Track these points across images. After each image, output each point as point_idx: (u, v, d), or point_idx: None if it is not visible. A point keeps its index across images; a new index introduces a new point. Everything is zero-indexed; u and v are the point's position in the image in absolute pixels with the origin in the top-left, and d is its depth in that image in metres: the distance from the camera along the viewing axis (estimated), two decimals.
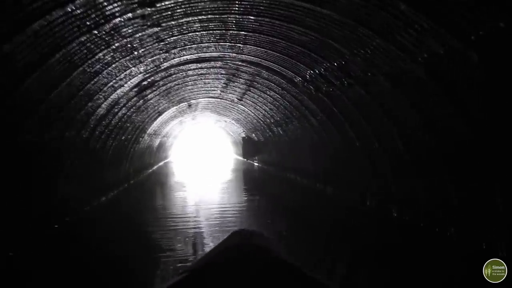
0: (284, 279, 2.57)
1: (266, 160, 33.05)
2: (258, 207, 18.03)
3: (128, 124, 20.04)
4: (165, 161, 44.19)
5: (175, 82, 19.39)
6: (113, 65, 11.70)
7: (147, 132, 26.41)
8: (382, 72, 10.42)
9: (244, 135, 37.28)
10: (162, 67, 15.26)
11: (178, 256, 9.86)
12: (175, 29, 11.41)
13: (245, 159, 39.65)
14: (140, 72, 14.32)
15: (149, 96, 18.93)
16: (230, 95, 24.73)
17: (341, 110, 14.68)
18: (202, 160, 49.48)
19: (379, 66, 10.31)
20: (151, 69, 14.77)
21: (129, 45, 10.93)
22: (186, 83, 20.61)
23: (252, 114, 27.77)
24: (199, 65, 17.11)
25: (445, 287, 8.11)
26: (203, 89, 23.28)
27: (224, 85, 21.93)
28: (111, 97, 14.33)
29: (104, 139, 16.73)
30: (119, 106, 16.26)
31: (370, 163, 14.27)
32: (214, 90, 23.91)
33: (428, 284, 8.10)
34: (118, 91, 14.49)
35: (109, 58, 11.05)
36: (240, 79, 19.72)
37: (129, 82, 14.51)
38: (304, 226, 13.52)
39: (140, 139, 25.14)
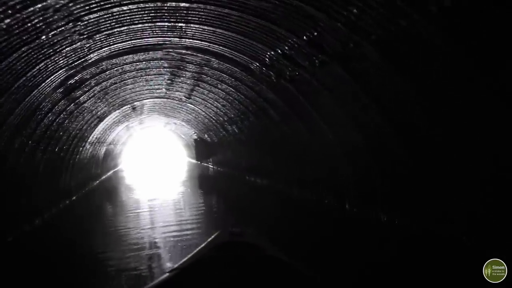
0: (274, 274, 2.61)
1: (222, 162, 30.18)
2: (216, 219, 15.13)
3: (61, 133, 16.88)
4: (115, 169, 40.65)
5: (111, 81, 16.37)
6: (14, 55, 8.60)
7: (88, 140, 23.18)
8: (371, 39, 7.75)
9: (196, 137, 34.29)
10: (90, 60, 12.23)
11: None
12: (93, 2, 8.43)
13: (199, 162, 36.58)
14: (60, 67, 11.22)
15: (81, 99, 15.82)
16: (177, 93, 21.78)
17: (309, 99, 12.02)
18: (154, 166, 46.02)
19: (368, 31, 7.62)
20: (75, 63, 11.70)
21: (29, 24, 7.85)
22: (125, 81, 17.58)
23: (203, 113, 24.87)
24: (136, 57, 14.17)
25: None
26: (146, 88, 20.28)
27: (169, 81, 18.97)
28: (27, 100, 11.23)
29: (28, 152, 13.59)
30: (42, 112, 13.15)
31: (349, 161, 11.68)
32: (159, 89, 20.92)
33: None
34: (35, 93, 11.39)
35: (4, 44, 7.95)
36: (186, 73, 16.82)
37: (48, 81, 11.39)
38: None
39: (81, 148, 21.89)
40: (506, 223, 6.93)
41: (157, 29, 11.39)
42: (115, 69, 14.80)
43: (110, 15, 9.45)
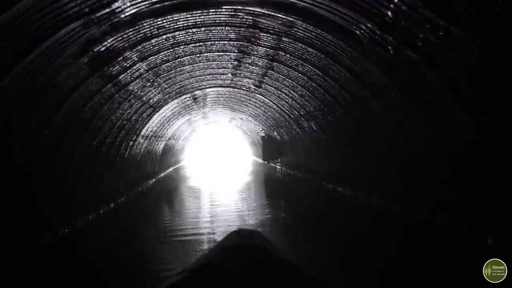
0: (282, 277, 2.52)
1: (292, 164, 25.70)
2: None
3: (99, 123, 13.00)
4: (175, 166, 37.05)
5: (161, 56, 12.28)
6: None
7: (141, 134, 19.34)
8: None
9: (263, 134, 30.01)
10: (121, 15, 8.07)
11: None
12: None
13: (266, 162, 32.19)
14: (73, 15, 7.13)
15: (121, 78, 11.81)
16: (246, 80, 17.53)
17: (452, 80, 7.46)
18: (217, 164, 42.06)
19: None
20: (97, 14, 7.57)
21: None
22: (181, 60, 13.46)
23: (274, 106, 20.52)
24: (191, 19, 9.98)
25: None
26: (207, 72, 16.16)
27: (235, 62, 14.73)
28: (31, 63, 7.24)
29: (46, 145, 9.68)
30: (61, 90, 9.17)
31: None
32: (223, 74, 16.74)
33: None
34: (42, 54, 7.39)
35: None
36: (259, 48, 12.47)
37: (58, 36, 7.36)
38: None
39: (131, 143, 18.06)
40: None
41: None
42: (164, 37, 10.65)
43: None
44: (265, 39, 11.64)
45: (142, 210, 16.23)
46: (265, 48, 12.31)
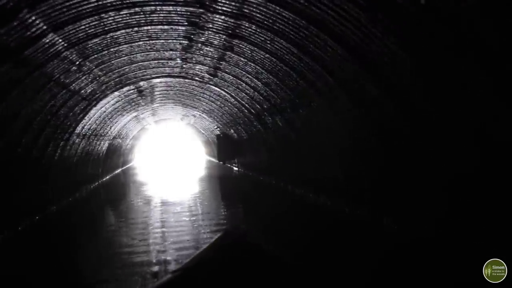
0: (275, 275, 2.49)
1: (251, 164, 22.56)
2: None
3: (10, 119, 9.64)
4: (123, 168, 33.25)
5: (83, 26, 8.89)
6: None
7: (76, 131, 15.88)
8: None
9: (219, 132, 26.80)
10: None
11: None
12: None
13: (222, 163, 28.91)
14: None
15: (30, 55, 8.44)
16: (198, 67, 14.32)
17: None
18: (169, 165, 38.38)
19: None
20: None
21: None
22: (112, 34, 10.06)
23: (232, 100, 17.39)
24: None
25: None
26: (151, 55, 12.83)
27: (185, 41, 11.46)
28: None
29: None
30: None
31: None
32: (171, 58, 13.47)
33: None
34: None
35: None
36: (216, 17, 9.20)
37: None
38: None
39: (61, 142, 14.59)
40: None
41: None
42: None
43: None
44: (222, 5, 8.50)
45: (75, 223, 12.88)
46: (223, 17, 9.09)
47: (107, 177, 25.48)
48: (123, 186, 23.24)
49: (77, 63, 10.71)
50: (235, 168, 26.81)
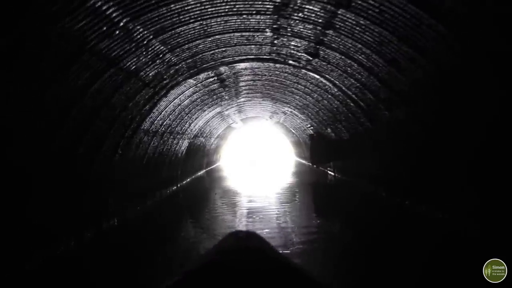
0: (279, 279, 2.14)
1: (351, 170, 18.29)
2: None
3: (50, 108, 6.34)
4: (207, 169, 29.99)
5: None
6: None
7: (142, 127, 12.59)
8: None
9: (312, 132, 22.80)
10: None
11: None
12: None
13: (314, 166, 24.80)
14: None
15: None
16: (294, 42, 10.43)
17: None
18: (256, 168, 34.45)
19: None
20: None
21: None
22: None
23: (334, 90, 13.38)
24: None
25: None
26: (231, 22, 9.14)
27: (276, 11, 7.76)
28: None
29: None
30: None
31: None
32: (258, 30, 9.70)
33: None
34: None
35: None
36: None
37: None
38: None
39: (121, 141, 11.33)
40: None
41: None
42: None
43: None
44: None
45: (136, 243, 9.49)
46: None
47: (188, 179, 22.21)
48: (204, 192, 19.72)
49: (132, 31, 7.22)
50: (331, 173, 22.68)
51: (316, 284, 2.21)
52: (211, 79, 14.11)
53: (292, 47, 10.72)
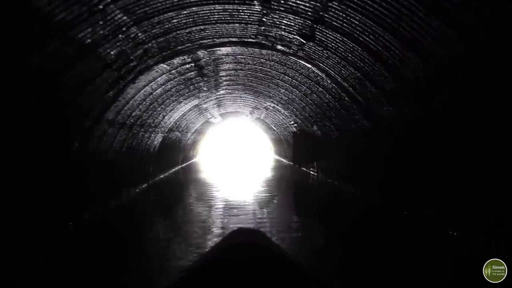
0: (283, 275, 2.34)
1: (337, 171, 16.52)
2: None
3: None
4: (183, 165, 27.93)
5: None
6: None
7: (106, 117, 10.67)
8: None
9: (295, 129, 21.03)
10: None
11: None
12: None
13: (296, 165, 22.97)
14: None
15: None
16: (286, 21, 8.58)
17: None
18: (234, 164, 32.38)
19: None
20: None
21: None
22: None
23: (327, 82, 11.61)
24: None
25: None
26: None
27: None
28: None
29: None
30: None
31: None
32: (245, 2, 7.91)
33: None
34: None
35: None
36: None
37: None
38: None
39: (77, 134, 9.42)
40: None
41: None
42: None
43: None
44: None
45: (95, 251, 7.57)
46: None
47: (161, 176, 20.25)
48: (178, 190, 17.75)
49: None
50: (313, 173, 20.90)
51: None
52: (187, 66, 12.22)
53: (283, 26, 8.88)
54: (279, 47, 10.45)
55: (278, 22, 8.81)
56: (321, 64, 10.49)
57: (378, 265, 6.96)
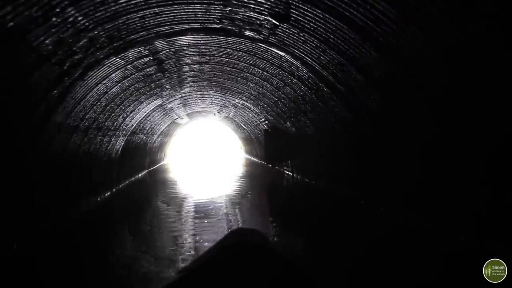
0: (283, 276, 2.31)
1: (314, 170, 15.15)
2: None
3: None
4: (150, 169, 26.11)
5: None
6: None
7: (54, 120, 9.10)
8: None
9: (267, 127, 19.66)
10: None
11: None
12: None
13: (269, 164, 21.56)
14: None
15: None
16: (254, 1, 7.29)
17: None
18: (203, 166, 30.81)
19: None
20: None
21: None
22: None
23: (303, 72, 10.27)
24: None
25: None
26: None
27: None
28: None
29: None
30: None
31: None
32: None
33: None
34: None
35: None
36: None
37: None
38: None
39: (14, 142, 7.84)
40: None
41: None
42: None
43: None
44: None
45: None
46: None
47: (126, 182, 18.60)
48: (144, 196, 16.11)
49: None
50: (288, 173, 19.57)
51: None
52: (145, 59, 10.71)
53: (252, 5, 7.46)
54: (247, 33, 9.05)
55: (246, 3, 7.42)
56: (296, 51, 9.14)
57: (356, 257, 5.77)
